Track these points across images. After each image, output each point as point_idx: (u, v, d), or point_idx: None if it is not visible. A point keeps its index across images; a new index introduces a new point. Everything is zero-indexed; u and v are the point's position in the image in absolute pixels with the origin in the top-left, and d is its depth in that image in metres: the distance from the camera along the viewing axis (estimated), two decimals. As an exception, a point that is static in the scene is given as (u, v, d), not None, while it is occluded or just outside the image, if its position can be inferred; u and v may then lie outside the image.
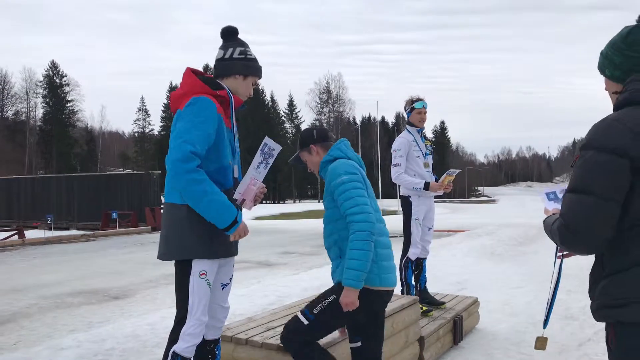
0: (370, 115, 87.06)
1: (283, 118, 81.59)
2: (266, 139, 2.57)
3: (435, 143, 6.63)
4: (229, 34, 2.64)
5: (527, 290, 6.69)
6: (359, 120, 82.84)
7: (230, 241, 2.48)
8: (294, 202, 70.00)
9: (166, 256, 2.44)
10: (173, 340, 2.42)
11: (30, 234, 18.59)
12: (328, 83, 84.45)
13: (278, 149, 2.58)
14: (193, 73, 2.53)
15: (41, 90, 68.18)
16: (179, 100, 2.43)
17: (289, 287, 7.17)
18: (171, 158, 2.27)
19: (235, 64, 2.58)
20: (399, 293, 4.70)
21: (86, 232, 19.39)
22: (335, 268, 2.67)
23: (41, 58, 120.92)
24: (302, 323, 2.63)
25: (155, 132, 78.89)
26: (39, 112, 68.83)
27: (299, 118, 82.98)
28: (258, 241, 14.52)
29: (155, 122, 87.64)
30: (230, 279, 2.67)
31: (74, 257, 12.36)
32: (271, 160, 2.57)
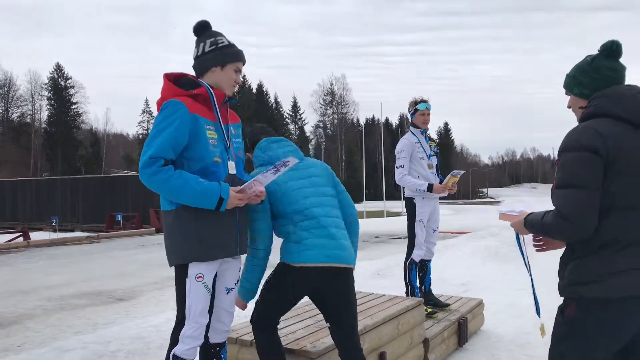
0: (374, 117, 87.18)
1: (287, 119, 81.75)
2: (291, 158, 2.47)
3: (439, 144, 6.64)
4: (200, 30, 2.58)
5: (531, 291, 6.66)
6: (362, 122, 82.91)
7: (228, 239, 2.44)
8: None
9: (169, 263, 2.48)
10: (173, 342, 2.43)
11: (35, 235, 18.68)
12: (332, 84, 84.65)
13: (293, 161, 2.49)
14: (168, 78, 2.50)
15: (46, 93, 68.68)
16: (158, 108, 2.46)
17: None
18: (139, 168, 2.31)
19: (207, 57, 2.52)
20: (403, 295, 4.70)
21: (91, 234, 19.46)
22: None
23: (46, 61, 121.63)
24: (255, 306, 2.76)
25: (159, 134, 78.93)
26: (44, 115, 69.37)
27: (302, 119, 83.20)
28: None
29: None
30: (235, 284, 2.64)
31: (79, 259, 12.40)
32: (283, 169, 2.48)
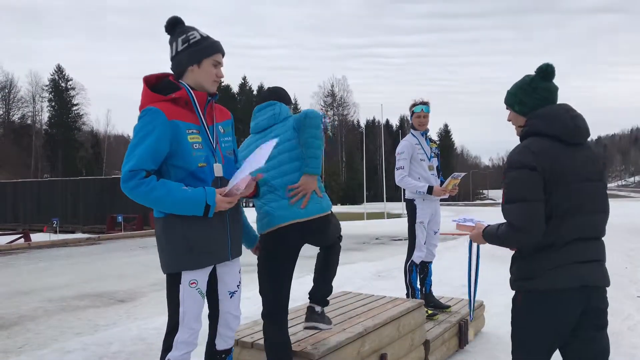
0: (374, 118, 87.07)
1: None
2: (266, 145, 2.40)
3: (440, 146, 6.63)
4: (171, 27, 2.45)
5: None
6: (363, 123, 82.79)
7: (218, 245, 2.41)
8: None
9: (162, 270, 2.46)
10: (166, 348, 2.42)
11: (36, 237, 18.68)
12: (332, 86, 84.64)
13: (273, 143, 2.40)
14: (147, 82, 2.40)
15: (47, 94, 68.74)
16: (139, 112, 2.37)
17: (294, 291, 7.10)
18: (120, 181, 2.26)
19: (181, 57, 2.40)
20: (404, 296, 4.71)
21: (92, 236, 19.45)
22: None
23: (47, 62, 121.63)
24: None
25: (160, 136, 78.98)
26: (45, 116, 69.46)
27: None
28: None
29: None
30: (238, 286, 2.62)
31: (80, 260, 12.41)
32: (263, 160, 2.36)
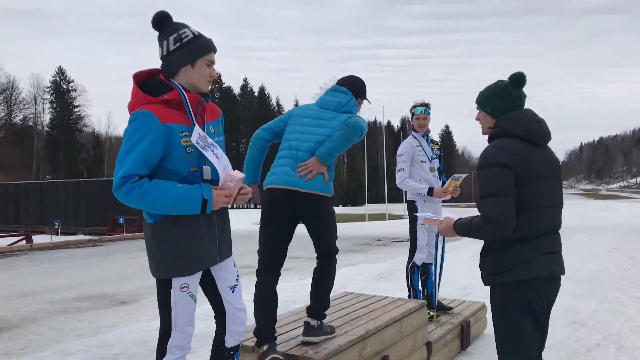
0: (376, 120, 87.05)
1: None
2: (192, 139, 2.25)
3: (442, 147, 6.59)
4: (159, 24, 2.33)
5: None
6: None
7: (207, 250, 2.38)
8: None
9: (152, 274, 2.41)
10: (161, 353, 2.39)
11: (37, 239, 18.69)
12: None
13: (197, 133, 2.28)
14: (137, 80, 2.33)
15: (48, 96, 68.77)
16: (129, 113, 2.30)
17: (295, 293, 7.16)
18: (113, 188, 2.20)
19: (174, 57, 2.30)
20: (406, 297, 4.70)
21: (93, 237, 19.47)
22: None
23: (48, 64, 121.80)
24: None
25: (161, 137, 79.00)
26: (46, 118, 69.48)
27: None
28: (264, 246, 14.50)
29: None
30: (237, 279, 2.58)
31: (82, 262, 12.41)
32: (218, 150, 2.33)
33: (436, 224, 2.69)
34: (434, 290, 4.90)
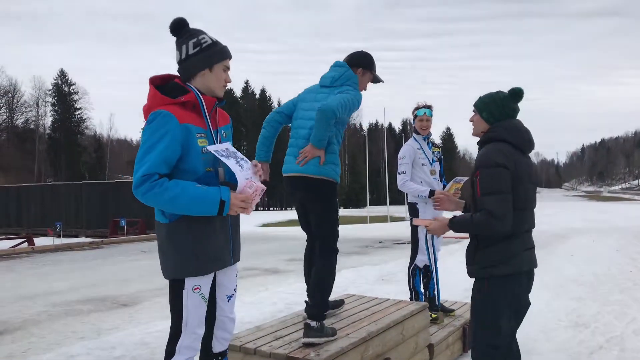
0: (377, 122, 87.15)
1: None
2: (211, 148, 2.32)
3: (442, 150, 6.56)
4: (177, 29, 2.40)
5: (536, 296, 6.62)
6: (365, 127, 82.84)
7: (222, 251, 2.41)
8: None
9: (164, 276, 2.44)
10: (170, 353, 2.41)
11: (39, 241, 18.70)
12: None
13: (225, 145, 2.39)
14: (154, 83, 2.38)
15: (50, 99, 68.85)
16: (145, 114, 2.35)
17: (297, 295, 7.15)
18: (132, 187, 2.22)
19: (193, 62, 2.38)
20: (407, 299, 4.69)
21: (95, 240, 19.49)
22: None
23: (50, 67, 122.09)
24: None
25: (163, 140, 79.05)
26: (48, 120, 69.50)
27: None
28: (265, 248, 14.52)
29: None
30: (234, 289, 2.64)
31: (83, 265, 12.42)
32: (238, 155, 2.41)
33: (425, 224, 2.83)
34: (436, 292, 4.89)
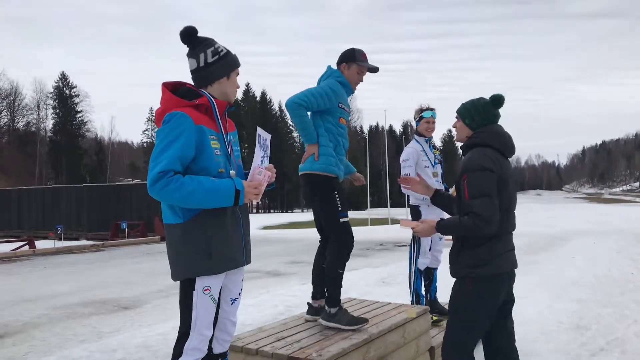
0: (377, 124, 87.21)
1: (291, 127, 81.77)
2: (259, 130, 2.53)
3: (444, 152, 6.63)
4: (190, 37, 2.48)
5: (537, 299, 6.65)
6: (366, 129, 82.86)
7: (236, 251, 2.46)
8: (302, 211, 69.94)
9: (174, 277, 2.47)
10: (177, 354, 2.42)
11: (40, 244, 18.72)
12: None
13: (269, 137, 2.58)
14: (167, 87, 2.45)
15: (51, 102, 68.95)
16: (159, 118, 2.42)
17: (298, 297, 7.16)
18: (147, 184, 2.28)
19: (213, 69, 2.48)
20: (408, 303, 4.69)
21: (96, 242, 19.49)
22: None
23: (51, 70, 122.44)
24: None
25: (163, 142, 79.12)
26: (49, 123, 69.64)
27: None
28: (266, 250, 14.52)
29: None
30: (239, 294, 2.66)
31: (84, 268, 12.42)
32: (268, 152, 2.57)
33: (412, 226, 2.90)
34: (437, 295, 4.89)
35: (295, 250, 14.79)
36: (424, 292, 4.80)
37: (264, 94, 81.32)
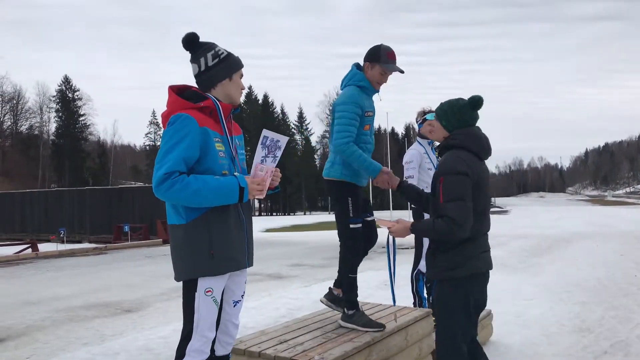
0: (380, 127, 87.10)
1: (293, 130, 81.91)
2: (265, 132, 2.53)
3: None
4: (192, 43, 2.52)
5: (540, 301, 6.63)
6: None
7: (238, 252, 2.47)
8: (305, 214, 69.98)
9: (176, 278, 2.48)
10: (179, 356, 2.43)
11: (43, 247, 18.74)
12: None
13: (284, 140, 2.57)
14: (173, 90, 2.49)
15: (54, 105, 69.15)
16: (165, 120, 2.45)
17: (301, 300, 7.16)
18: (153, 186, 2.30)
19: (215, 72, 2.51)
20: (411, 305, 4.69)
21: (98, 245, 19.50)
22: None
23: (54, 73, 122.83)
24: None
25: (166, 145, 79.26)
26: (52, 127, 69.81)
27: (308, 130, 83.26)
28: (269, 253, 14.52)
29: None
30: (242, 296, 2.67)
31: (87, 270, 12.43)
32: (279, 153, 2.56)
33: (388, 226, 2.92)
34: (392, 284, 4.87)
35: (297, 253, 14.78)
36: (426, 295, 4.79)
37: (266, 97, 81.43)
